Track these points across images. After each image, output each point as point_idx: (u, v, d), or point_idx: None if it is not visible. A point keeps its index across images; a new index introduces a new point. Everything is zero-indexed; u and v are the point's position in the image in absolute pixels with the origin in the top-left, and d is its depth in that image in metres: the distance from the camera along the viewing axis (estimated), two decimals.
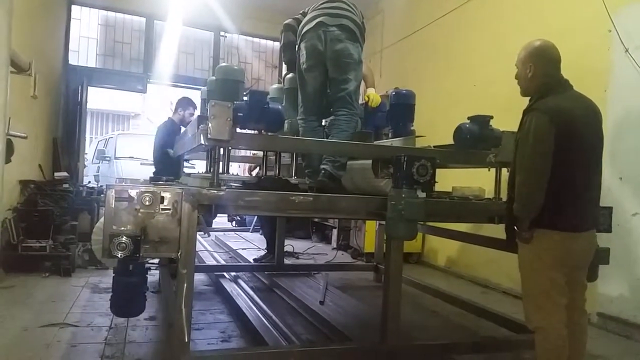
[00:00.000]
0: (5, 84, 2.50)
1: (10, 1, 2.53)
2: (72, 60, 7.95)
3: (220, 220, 9.18)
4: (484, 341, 3.24)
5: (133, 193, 2.17)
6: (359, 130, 3.62)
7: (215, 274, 4.89)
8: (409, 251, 6.23)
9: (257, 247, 6.82)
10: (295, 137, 3.48)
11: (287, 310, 3.89)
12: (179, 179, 3.99)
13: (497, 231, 2.80)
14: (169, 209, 2.21)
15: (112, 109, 17.17)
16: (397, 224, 2.48)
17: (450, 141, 3.15)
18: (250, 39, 9.16)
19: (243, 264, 5.69)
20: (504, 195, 2.60)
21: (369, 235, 6.07)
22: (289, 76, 3.90)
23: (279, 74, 8.89)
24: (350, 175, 3.23)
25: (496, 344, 3.13)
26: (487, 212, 3.00)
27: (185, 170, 5.01)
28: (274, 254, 5.26)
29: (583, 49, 4.03)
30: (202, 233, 7.79)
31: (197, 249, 4.25)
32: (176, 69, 8.62)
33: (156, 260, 4.19)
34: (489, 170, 3.11)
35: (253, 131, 2.89)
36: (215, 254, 6.24)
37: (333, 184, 2.98)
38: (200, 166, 6.18)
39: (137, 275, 2.51)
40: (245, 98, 3.05)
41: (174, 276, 3.06)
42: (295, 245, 6.86)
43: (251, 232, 8.59)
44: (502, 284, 5.06)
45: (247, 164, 6.65)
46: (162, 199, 2.20)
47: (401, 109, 3.86)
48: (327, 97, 3.37)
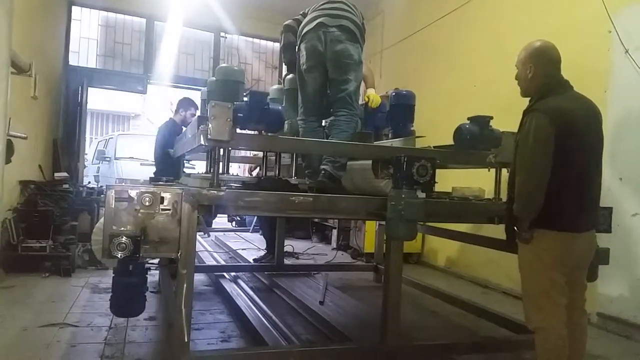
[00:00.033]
0: (6, 84, 2.50)
1: (11, 2, 2.53)
2: (73, 61, 7.95)
3: (220, 221, 9.18)
4: (484, 341, 3.24)
5: (133, 193, 2.17)
6: (359, 130, 3.62)
7: (215, 274, 4.90)
8: (408, 251, 6.23)
9: (257, 248, 6.82)
10: (295, 137, 3.48)
11: (287, 311, 3.89)
12: (179, 179, 3.99)
13: (497, 231, 2.80)
14: (168, 210, 2.21)
15: (112, 109, 17.17)
16: (397, 224, 2.48)
17: (450, 142, 3.15)
18: (250, 39, 9.17)
19: (243, 264, 5.69)
20: (504, 196, 2.60)
21: (369, 235, 6.07)
22: (289, 77, 3.90)
23: (279, 74, 8.89)
24: (350, 175, 3.23)
25: (496, 344, 3.13)
26: (487, 213, 3.00)
27: (186, 171, 5.02)
28: (273, 254, 5.26)
29: (583, 50, 4.03)
30: (202, 233, 7.79)
31: (197, 249, 4.25)
32: (176, 70, 8.62)
33: (156, 261, 4.19)
34: (488, 170, 3.12)
35: (253, 132, 2.90)
36: (215, 254, 6.24)
37: (333, 184, 2.98)
38: (200, 166, 6.19)
39: (137, 275, 2.51)
40: (245, 99, 3.06)
41: (173, 276, 3.06)
42: (295, 245, 6.86)
43: (251, 232, 8.59)
44: (502, 284, 5.06)
45: (248, 165, 6.66)
46: (162, 199, 2.20)
47: (401, 109, 3.86)
48: (327, 97, 3.37)
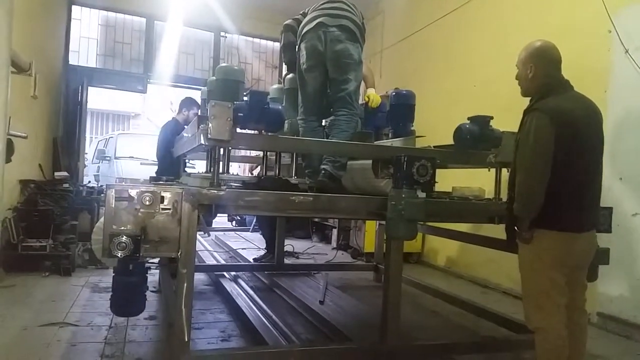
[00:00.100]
0: (6, 84, 2.50)
1: (11, 1, 2.53)
2: (73, 61, 7.95)
3: (220, 220, 9.18)
4: (483, 341, 3.24)
5: (133, 193, 2.17)
6: (359, 130, 3.62)
7: (215, 273, 4.90)
8: (409, 251, 6.23)
9: (257, 247, 6.82)
10: (296, 137, 3.49)
11: (287, 310, 3.90)
12: (179, 178, 3.99)
13: (497, 231, 2.80)
14: (169, 209, 2.21)
15: (112, 109, 17.18)
16: (397, 224, 2.48)
17: (450, 141, 3.15)
18: (250, 39, 9.16)
19: (243, 263, 5.70)
20: (504, 196, 2.60)
21: (369, 235, 6.07)
22: (289, 76, 3.90)
23: (279, 74, 8.89)
24: (350, 175, 3.23)
25: (496, 344, 3.13)
26: (487, 212, 3.00)
27: (187, 170, 5.02)
28: (273, 253, 5.26)
29: (583, 50, 4.03)
30: (202, 233, 7.80)
31: (197, 249, 4.25)
32: (176, 69, 8.62)
33: (156, 260, 4.20)
34: (489, 170, 3.12)
35: (253, 131, 2.89)
36: (215, 253, 6.24)
37: (333, 184, 2.98)
38: (200, 166, 6.19)
39: (137, 274, 2.51)
40: (245, 98, 3.06)
41: (174, 276, 3.06)
42: (295, 245, 6.86)
43: (251, 231, 8.59)
44: (502, 284, 5.06)
45: (248, 164, 6.66)
46: (162, 198, 2.20)
47: (401, 109, 3.86)
48: (327, 97, 3.37)
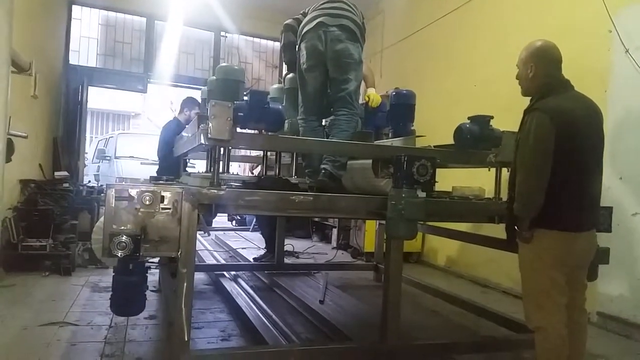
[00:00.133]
0: (6, 83, 2.51)
1: (11, 1, 2.53)
2: (73, 60, 7.95)
3: (220, 220, 9.18)
4: (484, 341, 3.25)
5: (133, 192, 2.17)
6: (359, 130, 3.62)
7: (215, 273, 4.90)
8: (408, 251, 6.23)
9: (257, 247, 6.82)
10: (296, 137, 3.49)
11: (287, 310, 3.90)
12: (179, 178, 3.99)
13: (497, 231, 2.80)
14: (169, 209, 2.21)
15: (112, 108, 17.18)
16: (397, 224, 2.48)
17: (450, 141, 3.15)
18: (250, 39, 9.16)
19: (243, 263, 5.70)
20: (504, 195, 2.60)
21: (369, 234, 6.07)
22: (290, 76, 3.90)
23: (280, 74, 8.89)
24: (350, 175, 3.23)
25: (496, 343, 3.13)
26: (487, 212, 3.00)
27: (187, 170, 5.02)
28: (273, 253, 5.26)
29: (583, 49, 4.03)
30: (202, 232, 7.80)
31: (197, 248, 4.25)
32: (176, 69, 8.62)
33: (156, 259, 4.20)
34: (489, 170, 3.12)
35: (253, 131, 2.89)
36: (215, 253, 6.24)
37: (333, 183, 2.98)
38: (200, 166, 6.19)
39: (137, 274, 2.51)
40: (245, 98, 3.05)
41: (174, 275, 3.06)
42: (295, 244, 6.86)
43: (251, 231, 8.60)
44: (502, 283, 5.06)
45: (248, 164, 6.65)
46: (162, 198, 2.20)
47: (401, 109, 3.86)
48: (328, 97, 3.37)
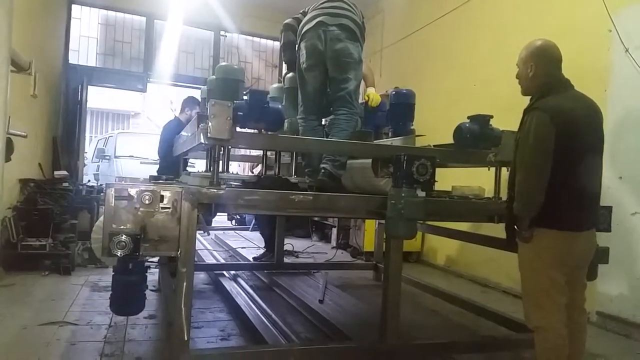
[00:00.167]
0: (6, 82, 2.51)
1: (11, 1, 2.53)
2: (72, 60, 7.94)
3: (220, 219, 9.18)
4: (483, 340, 3.25)
5: (133, 192, 2.17)
6: (358, 129, 3.62)
7: (215, 272, 4.90)
8: (408, 250, 6.23)
9: (256, 246, 6.82)
10: (295, 136, 3.48)
11: (286, 309, 3.90)
12: (178, 177, 3.99)
13: (497, 230, 2.80)
14: (168, 208, 2.21)
15: (112, 108, 17.16)
16: (397, 223, 2.48)
17: (450, 140, 3.15)
18: (250, 38, 9.16)
19: (242, 262, 5.70)
20: (504, 195, 2.60)
21: (369, 234, 6.07)
22: (289, 75, 3.89)
23: (279, 73, 8.89)
24: (350, 174, 3.23)
25: (496, 343, 3.13)
26: (487, 211, 3.00)
27: (188, 169, 5.01)
28: (273, 252, 5.26)
29: (583, 49, 4.03)
30: (201, 232, 7.80)
31: (196, 248, 4.25)
32: (176, 68, 8.62)
33: (156, 259, 4.21)
34: (488, 169, 3.11)
35: (253, 130, 2.89)
36: (214, 252, 6.24)
37: (333, 183, 2.98)
38: (200, 165, 6.19)
39: (136, 273, 2.52)
40: (245, 97, 3.05)
41: (173, 275, 3.06)
42: (294, 244, 6.86)
43: (251, 230, 8.59)
44: (501, 283, 5.06)
45: (248, 163, 6.65)
46: (161, 197, 2.20)
47: (401, 108, 3.86)
48: (327, 96, 3.37)
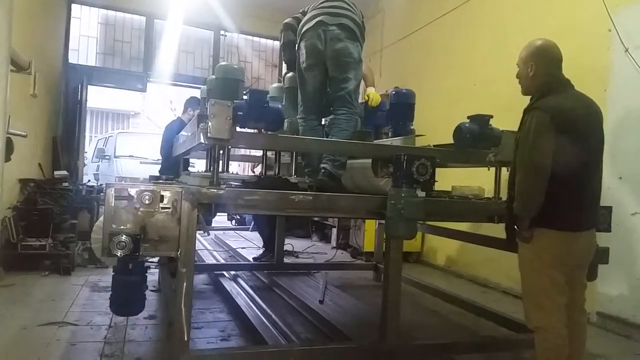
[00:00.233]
0: (5, 82, 2.50)
1: (11, 1, 2.53)
2: (72, 59, 7.93)
3: (220, 219, 9.18)
4: (483, 341, 3.25)
5: (133, 192, 2.17)
6: (358, 129, 3.62)
7: (215, 272, 4.90)
8: (408, 250, 6.23)
9: (256, 246, 6.82)
10: (295, 136, 3.48)
11: (286, 309, 3.89)
12: (178, 177, 3.99)
13: (497, 230, 2.79)
14: (168, 208, 2.21)
15: (112, 107, 17.15)
16: (397, 223, 2.47)
17: (450, 140, 3.15)
18: (250, 38, 9.15)
19: (242, 262, 5.69)
20: (504, 195, 2.60)
21: (369, 234, 6.07)
22: (289, 75, 3.89)
23: (279, 73, 8.89)
24: (350, 174, 3.23)
25: (496, 343, 3.12)
26: (487, 212, 2.99)
27: (189, 170, 5.01)
28: (272, 252, 5.26)
29: (583, 49, 4.03)
30: (201, 232, 7.80)
31: (196, 248, 4.25)
32: (176, 68, 8.61)
33: (156, 259, 4.21)
34: (488, 169, 3.11)
35: (253, 130, 2.89)
36: (214, 252, 6.23)
37: (333, 183, 2.98)
38: (200, 165, 6.18)
39: (136, 274, 2.51)
40: (245, 97, 3.05)
41: (173, 275, 3.06)
42: (294, 244, 6.86)
43: (251, 231, 8.59)
44: (501, 283, 5.06)
45: (248, 163, 6.65)
46: (161, 197, 2.20)
47: (401, 108, 3.86)
48: (327, 96, 3.37)
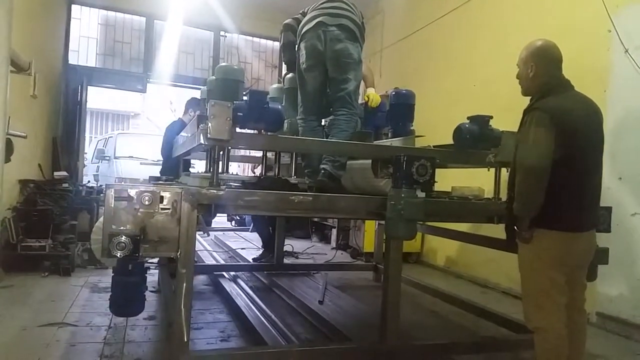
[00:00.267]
0: (5, 83, 2.51)
1: (11, 1, 2.53)
2: (72, 60, 7.94)
3: (220, 220, 9.18)
4: (483, 341, 3.25)
5: (132, 192, 2.17)
6: (358, 130, 3.62)
7: (215, 273, 4.90)
8: (408, 251, 6.22)
9: (256, 247, 6.81)
10: (295, 137, 3.48)
11: (286, 310, 3.89)
12: (178, 178, 3.99)
13: (497, 231, 2.80)
14: (168, 209, 2.21)
15: (111, 108, 17.18)
16: (397, 224, 2.48)
17: (450, 141, 3.15)
18: (250, 38, 9.16)
19: (242, 263, 5.69)
20: (504, 195, 2.60)
21: (369, 235, 6.07)
22: (289, 76, 3.90)
23: (279, 73, 8.89)
24: (350, 175, 3.23)
25: (495, 343, 3.13)
26: (487, 212, 3.00)
27: (190, 170, 5.01)
28: (272, 252, 5.26)
29: (583, 49, 4.03)
30: (201, 233, 7.80)
31: (196, 249, 4.25)
32: (176, 69, 8.62)
33: (155, 260, 4.20)
34: (488, 170, 3.11)
35: (253, 131, 2.89)
36: (214, 253, 6.23)
37: (333, 183, 2.98)
38: (200, 166, 6.19)
39: (136, 274, 2.52)
40: (245, 98, 3.05)
41: (173, 276, 3.06)
42: (294, 244, 6.86)
43: (250, 231, 8.58)
44: (501, 283, 5.06)
45: (248, 164, 6.65)
46: (161, 198, 2.20)
47: (401, 108, 3.86)
48: (327, 96, 3.37)
